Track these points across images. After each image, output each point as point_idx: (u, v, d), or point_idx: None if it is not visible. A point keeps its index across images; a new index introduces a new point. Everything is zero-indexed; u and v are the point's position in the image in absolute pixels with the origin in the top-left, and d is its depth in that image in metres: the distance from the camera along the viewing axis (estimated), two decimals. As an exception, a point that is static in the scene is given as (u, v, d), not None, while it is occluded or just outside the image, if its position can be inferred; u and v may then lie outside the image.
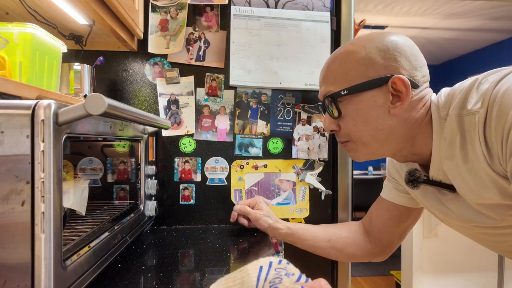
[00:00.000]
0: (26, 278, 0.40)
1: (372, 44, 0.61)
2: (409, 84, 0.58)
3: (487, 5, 3.10)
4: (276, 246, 1.03)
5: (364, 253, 0.85)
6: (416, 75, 0.60)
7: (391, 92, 0.59)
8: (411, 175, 0.67)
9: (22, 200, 0.40)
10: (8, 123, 0.40)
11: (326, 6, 1.06)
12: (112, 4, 0.73)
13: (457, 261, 1.71)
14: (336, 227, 0.89)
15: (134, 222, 0.78)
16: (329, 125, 0.66)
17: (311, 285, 0.42)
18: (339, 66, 0.63)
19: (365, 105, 0.60)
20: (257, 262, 0.45)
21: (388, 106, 0.60)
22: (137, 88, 1.01)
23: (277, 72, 1.03)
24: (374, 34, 0.64)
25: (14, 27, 0.58)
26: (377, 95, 0.60)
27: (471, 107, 0.53)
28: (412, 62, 0.60)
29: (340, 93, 0.61)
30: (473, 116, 0.53)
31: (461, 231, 0.70)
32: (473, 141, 0.54)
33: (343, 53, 0.64)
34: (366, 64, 0.60)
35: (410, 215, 0.80)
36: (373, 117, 0.60)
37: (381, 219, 0.82)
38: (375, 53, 0.60)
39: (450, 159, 0.59)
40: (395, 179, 0.80)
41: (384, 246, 0.84)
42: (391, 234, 0.82)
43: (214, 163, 1.03)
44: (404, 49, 0.60)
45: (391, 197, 0.80)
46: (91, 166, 0.87)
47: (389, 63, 0.59)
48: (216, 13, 1.02)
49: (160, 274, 0.64)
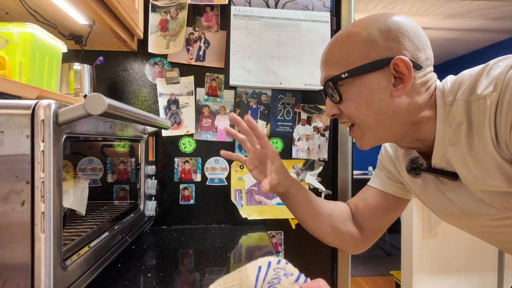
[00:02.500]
0: (26, 278, 0.40)
1: (374, 25, 0.59)
2: (411, 65, 0.56)
3: (487, 5, 3.10)
4: (276, 246, 1.03)
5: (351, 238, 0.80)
6: (419, 57, 0.59)
7: (393, 74, 0.58)
8: (413, 162, 0.65)
9: (22, 200, 0.40)
10: (8, 123, 0.40)
11: (326, 6, 1.06)
12: (112, 4, 0.73)
13: (457, 261, 1.71)
14: (331, 204, 0.83)
15: (134, 222, 0.78)
16: (330, 109, 0.64)
17: (310, 285, 0.42)
18: (340, 49, 0.61)
19: (367, 88, 0.59)
20: (256, 262, 0.45)
21: (390, 89, 0.58)
22: (137, 88, 1.01)
23: (277, 72, 1.03)
24: (377, 15, 0.62)
25: (14, 27, 0.58)
26: (379, 78, 0.58)
27: (481, 92, 0.52)
28: (415, 43, 0.58)
29: (341, 76, 0.59)
30: (483, 101, 0.52)
31: (459, 224, 0.69)
32: (481, 126, 0.52)
33: (344, 35, 0.62)
34: (367, 45, 0.58)
35: (398, 206, 0.79)
36: (376, 100, 0.59)
37: (367, 205, 0.80)
38: (377, 34, 0.58)
39: (454, 145, 0.58)
40: (387, 169, 0.79)
41: (364, 235, 0.81)
42: (373, 222, 0.80)
43: (214, 163, 1.03)
44: (407, 29, 0.58)
45: (382, 185, 0.79)
46: (91, 166, 0.87)
47: (391, 44, 0.58)
48: (216, 13, 1.02)
49: (160, 274, 0.64)
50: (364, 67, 0.58)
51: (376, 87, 0.59)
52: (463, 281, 1.71)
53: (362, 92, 0.59)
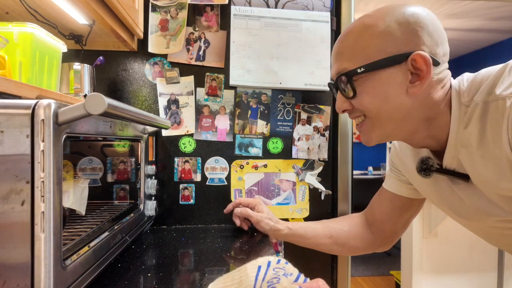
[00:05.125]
0: (26, 277, 0.40)
1: (392, 16, 0.56)
2: (430, 61, 0.54)
3: (487, 5, 3.10)
4: (276, 246, 1.03)
5: (367, 244, 0.85)
6: (437, 53, 0.56)
7: (411, 70, 0.55)
8: (424, 163, 0.63)
9: (22, 200, 0.40)
10: (8, 122, 0.40)
11: (326, 6, 1.06)
12: (112, 4, 0.73)
13: (457, 261, 1.71)
14: (336, 222, 0.88)
15: (134, 222, 0.78)
16: (341, 104, 0.62)
17: (309, 285, 0.42)
18: (355, 41, 0.58)
19: (382, 83, 0.56)
20: (255, 262, 0.46)
21: (406, 85, 0.56)
22: (137, 88, 1.01)
23: (277, 72, 1.03)
24: (394, 5, 0.59)
25: (14, 27, 0.58)
26: (396, 73, 0.56)
27: (501, 92, 0.50)
28: (434, 38, 0.56)
29: (357, 70, 0.57)
30: (502, 102, 0.49)
31: (468, 224, 0.68)
32: (498, 128, 0.50)
33: (359, 26, 0.59)
34: (385, 38, 0.56)
35: (412, 205, 0.79)
36: (391, 96, 0.56)
37: (383, 210, 0.81)
38: (395, 27, 0.55)
39: (467, 147, 0.56)
40: (398, 170, 0.78)
41: (387, 237, 0.83)
42: (393, 225, 0.81)
43: (214, 163, 1.03)
44: (426, 23, 0.55)
45: (394, 188, 0.79)
46: (91, 166, 0.87)
47: (410, 38, 0.55)
48: (216, 13, 1.02)
49: (160, 274, 0.64)
50: (381, 62, 0.56)
51: (392, 82, 0.56)
52: (463, 281, 1.71)
53: (377, 87, 0.57)
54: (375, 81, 0.57)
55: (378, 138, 0.62)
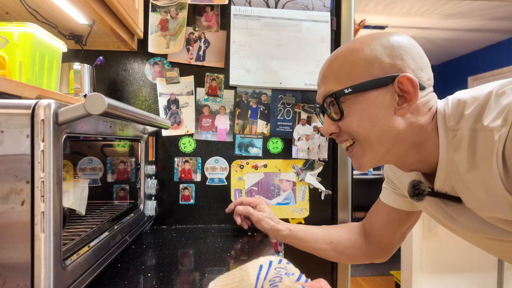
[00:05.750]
0: (26, 277, 0.40)
1: (377, 42, 0.58)
2: (417, 83, 0.55)
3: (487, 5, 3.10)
4: (275, 246, 1.03)
5: (365, 255, 0.85)
6: (422, 77, 0.58)
7: (397, 93, 0.56)
8: (416, 188, 0.63)
9: (22, 200, 0.40)
10: (8, 122, 0.40)
11: (326, 6, 1.06)
12: (112, 4, 0.73)
13: (457, 261, 1.71)
14: (337, 229, 0.88)
15: (134, 222, 0.78)
16: (328, 127, 0.62)
17: (311, 284, 0.42)
18: (342, 64, 0.59)
19: (370, 105, 0.57)
20: (257, 261, 0.46)
21: (394, 107, 0.57)
22: (137, 88, 1.01)
23: (277, 72, 1.03)
24: (378, 33, 0.61)
25: (14, 27, 0.58)
26: (383, 95, 0.56)
27: (489, 124, 0.50)
28: (418, 63, 0.58)
29: (344, 91, 0.57)
30: (490, 134, 0.49)
31: (468, 239, 0.68)
32: (487, 158, 0.50)
33: (345, 50, 0.60)
34: (371, 61, 0.57)
35: (410, 217, 0.79)
36: (379, 118, 0.57)
37: (381, 223, 0.82)
38: (381, 51, 0.57)
39: (457, 172, 0.56)
40: (393, 183, 0.78)
41: (385, 248, 0.83)
42: (391, 237, 0.82)
43: (214, 163, 1.03)
44: (410, 48, 0.58)
45: (390, 201, 0.79)
46: (91, 166, 0.87)
47: (395, 62, 0.56)
48: (216, 13, 1.02)
49: (160, 274, 0.64)
50: (368, 83, 0.56)
51: (380, 104, 0.57)
52: (463, 281, 1.71)
53: (365, 109, 0.57)
54: (362, 103, 0.57)
55: (371, 162, 0.62)
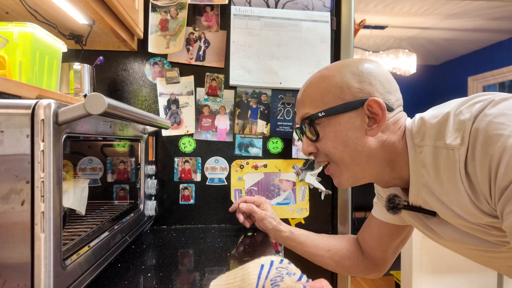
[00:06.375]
0: (26, 277, 0.40)
1: (347, 69, 0.63)
2: (384, 106, 0.60)
3: (487, 5, 3.10)
4: (275, 246, 1.03)
5: (360, 267, 0.85)
6: (390, 99, 0.62)
7: (367, 115, 0.61)
8: (391, 202, 0.67)
9: (22, 200, 0.40)
10: (8, 122, 0.40)
11: (326, 6, 1.06)
12: (112, 4, 0.73)
13: (457, 261, 1.71)
14: (336, 239, 0.89)
15: (134, 222, 0.78)
16: (307, 147, 0.66)
17: (313, 284, 0.42)
18: (315, 90, 0.64)
19: (343, 127, 0.62)
20: (258, 261, 0.46)
21: (365, 128, 0.61)
22: (137, 88, 1.01)
23: (277, 72, 1.03)
24: (349, 60, 0.66)
25: (14, 27, 0.58)
26: (354, 117, 0.61)
27: (450, 142, 0.53)
28: (386, 87, 0.62)
29: (318, 115, 0.62)
30: (451, 152, 0.53)
31: (453, 249, 0.70)
32: (451, 175, 0.53)
33: (318, 77, 0.65)
34: (341, 87, 0.62)
35: (401, 232, 0.81)
36: (352, 139, 0.61)
37: (372, 237, 0.83)
38: (350, 77, 0.62)
39: (428, 186, 0.59)
40: (382, 197, 0.79)
41: (378, 263, 0.84)
42: (383, 251, 0.83)
43: (214, 163, 1.03)
44: (378, 73, 0.63)
45: (380, 215, 0.81)
46: (91, 166, 0.87)
47: (364, 87, 0.61)
48: (216, 13, 1.02)
49: (160, 274, 0.64)
50: (339, 107, 0.62)
51: (351, 126, 0.62)
52: (463, 281, 1.71)
53: (338, 131, 0.62)
54: (336, 126, 0.62)
55: (349, 181, 0.66)
